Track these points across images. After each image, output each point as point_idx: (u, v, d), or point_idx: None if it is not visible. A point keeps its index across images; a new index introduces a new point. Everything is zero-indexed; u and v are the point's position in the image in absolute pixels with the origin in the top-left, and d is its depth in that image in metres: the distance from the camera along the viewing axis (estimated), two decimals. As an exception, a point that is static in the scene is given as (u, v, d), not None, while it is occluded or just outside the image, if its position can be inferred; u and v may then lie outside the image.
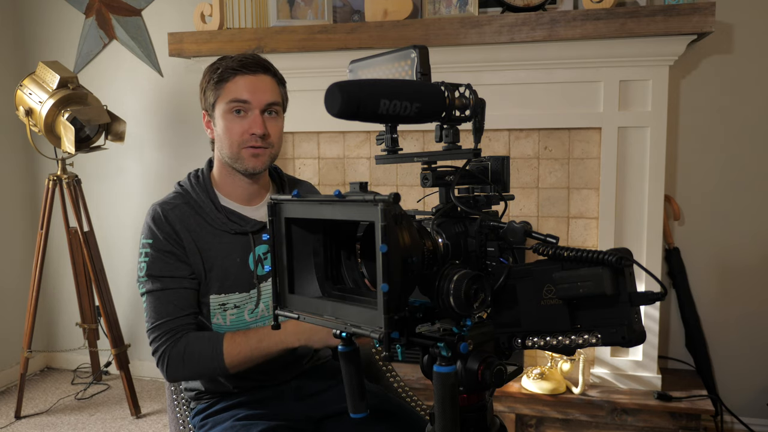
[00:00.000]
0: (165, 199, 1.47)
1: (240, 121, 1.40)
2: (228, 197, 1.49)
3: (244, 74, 1.40)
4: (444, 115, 0.78)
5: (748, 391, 2.63)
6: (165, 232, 1.40)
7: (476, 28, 2.38)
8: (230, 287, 1.43)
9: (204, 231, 1.43)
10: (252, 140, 1.40)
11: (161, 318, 1.39)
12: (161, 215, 1.42)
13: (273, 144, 1.44)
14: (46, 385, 3.31)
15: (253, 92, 1.40)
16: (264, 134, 1.40)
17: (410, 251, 0.71)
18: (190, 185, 1.48)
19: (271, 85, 1.43)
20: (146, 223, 1.43)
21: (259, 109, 1.40)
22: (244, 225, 1.44)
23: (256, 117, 1.40)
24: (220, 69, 1.41)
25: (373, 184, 2.75)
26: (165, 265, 1.40)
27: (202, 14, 2.70)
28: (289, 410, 1.45)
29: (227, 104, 1.40)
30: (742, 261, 2.59)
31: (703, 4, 2.17)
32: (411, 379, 2.50)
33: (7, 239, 3.33)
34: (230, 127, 1.41)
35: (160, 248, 1.40)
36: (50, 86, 2.76)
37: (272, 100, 1.42)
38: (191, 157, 3.12)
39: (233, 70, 1.40)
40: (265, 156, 1.43)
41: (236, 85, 1.40)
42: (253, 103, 1.40)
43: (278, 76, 1.47)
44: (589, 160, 2.50)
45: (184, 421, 1.53)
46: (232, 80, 1.40)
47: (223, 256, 1.42)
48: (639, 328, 0.73)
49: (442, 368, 0.74)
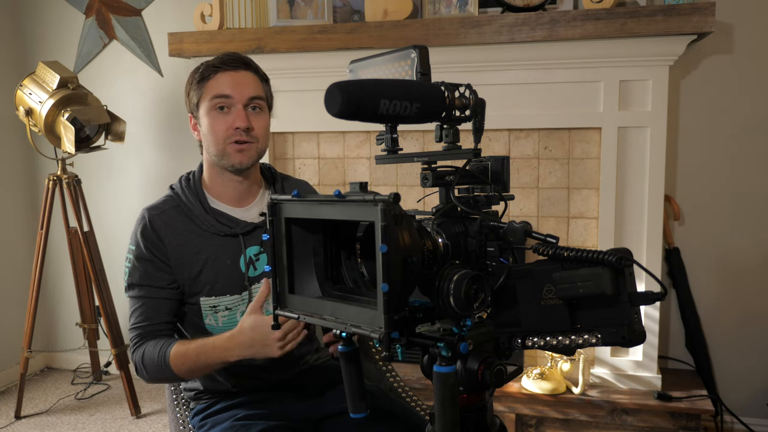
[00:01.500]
0: (155, 203, 1.48)
1: (224, 117, 1.40)
2: (218, 198, 1.49)
3: (225, 71, 1.41)
4: (444, 115, 0.78)
5: (748, 391, 2.63)
6: (148, 240, 1.42)
7: (476, 28, 2.37)
8: (220, 290, 1.43)
9: (193, 234, 1.43)
10: (236, 135, 1.40)
11: (136, 322, 1.44)
12: (147, 221, 1.43)
13: (258, 138, 1.43)
14: (46, 385, 3.31)
15: (234, 87, 1.40)
16: (248, 128, 1.40)
17: (410, 251, 0.71)
18: (180, 188, 1.48)
19: (253, 81, 1.44)
20: (134, 229, 1.46)
21: (241, 103, 1.40)
22: (233, 227, 1.44)
23: (239, 111, 1.40)
24: (201, 68, 1.43)
25: (373, 184, 2.75)
26: (144, 274, 1.42)
27: (202, 14, 2.70)
28: (288, 410, 1.45)
29: (210, 101, 1.40)
30: (743, 261, 2.59)
31: (703, 4, 2.17)
32: (411, 379, 2.50)
33: (7, 239, 3.32)
34: (214, 124, 1.41)
35: (141, 257, 1.42)
36: (50, 86, 2.76)
37: (254, 94, 1.42)
38: (191, 157, 3.12)
39: (214, 67, 1.41)
40: (251, 150, 1.42)
41: (218, 82, 1.40)
42: (236, 97, 1.40)
43: (260, 73, 1.47)
44: (589, 160, 2.50)
45: (184, 421, 1.53)
46: (214, 77, 1.41)
47: (213, 259, 1.43)
48: (639, 328, 0.73)
49: (442, 368, 0.74)
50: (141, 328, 1.43)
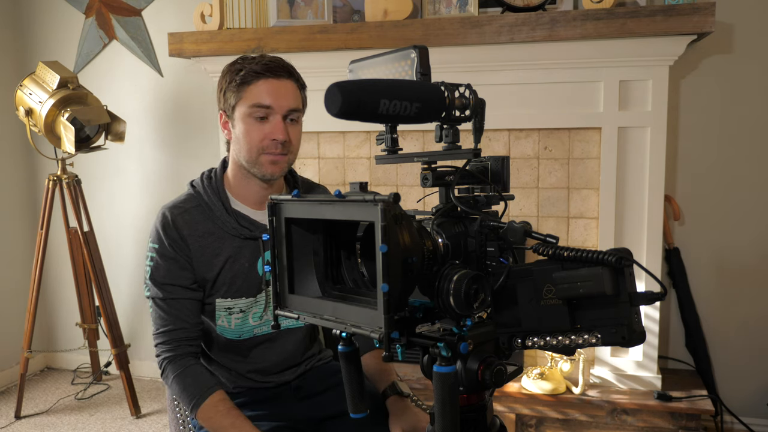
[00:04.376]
0: (176, 202, 1.44)
1: (261, 126, 1.36)
2: (239, 200, 1.46)
3: (268, 78, 1.36)
4: (444, 115, 0.78)
5: (748, 391, 2.62)
6: (171, 238, 1.39)
7: (476, 28, 2.37)
8: (237, 292, 1.42)
9: (213, 236, 1.41)
10: (272, 146, 1.36)
11: (165, 326, 1.39)
12: (170, 220, 1.40)
13: (292, 151, 1.41)
14: (46, 385, 3.31)
15: (276, 98, 1.36)
16: (285, 141, 1.37)
17: (410, 251, 0.71)
18: (202, 186, 1.45)
19: (293, 91, 1.40)
20: (154, 226, 1.42)
21: (281, 114, 1.37)
22: (253, 230, 1.42)
23: (278, 123, 1.36)
24: (243, 71, 1.36)
25: (373, 184, 2.75)
26: (168, 273, 1.39)
27: (202, 14, 2.70)
28: (289, 411, 1.45)
29: (249, 108, 1.36)
30: (742, 261, 2.59)
31: (703, 4, 2.17)
32: (411, 379, 2.50)
33: (7, 239, 3.32)
34: (250, 132, 1.36)
35: (165, 254, 1.39)
36: (50, 86, 2.76)
37: (294, 106, 1.39)
38: (191, 157, 3.12)
39: (257, 73, 1.36)
40: (283, 163, 1.40)
41: (259, 89, 1.36)
42: (276, 108, 1.36)
43: (300, 81, 1.44)
44: (589, 160, 2.50)
45: (184, 421, 1.53)
46: (255, 83, 1.36)
47: (231, 261, 1.41)
48: (639, 328, 0.73)
49: (442, 368, 0.74)
50: (168, 334, 1.39)
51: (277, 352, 1.48)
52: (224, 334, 1.44)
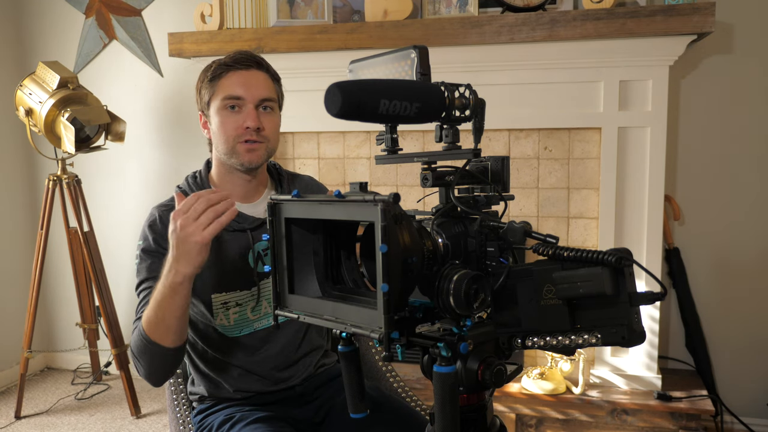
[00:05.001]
0: (163, 201, 1.48)
1: (234, 116, 1.40)
2: None
3: (237, 70, 1.40)
4: (444, 115, 0.78)
5: (748, 391, 2.62)
6: (156, 233, 1.41)
7: (476, 28, 2.37)
8: (229, 284, 1.43)
9: None
10: (246, 134, 1.39)
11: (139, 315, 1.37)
12: (156, 218, 1.43)
13: (268, 138, 1.43)
14: (46, 385, 3.31)
15: (246, 87, 1.39)
16: (258, 128, 1.40)
17: (410, 251, 0.71)
18: (188, 186, 1.48)
19: (264, 81, 1.43)
20: (143, 226, 1.45)
21: (253, 104, 1.40)
22: (242, 222, 1.44)
23: (250, 111, 1.39)
24: (213, 66, 1.42)
25: (373, 184, 2.75)
26: (150, 267, 1.40)
27: (202, 14, 2.70)
28: (291, 414, 1.45)
29: (221, 101, 1.40)
30: (742, 261, 2.59)
31: (703, 4, 2.17)
32: (411, 379, 2.50)
33: (7, 239, 3.32)
34: (225, 123, 1.40)
35: (149, 250, 1.41)
36: (50, 86, 2.76)
37: (266, 95, 1.42)
38: (191, 157, 3.12)
39: (226, 66, 1.41)
40: (260, 150, 1.42)
41: (229, 81, 1.40)
42: (247, 98, 1.39)
43: (272, 72, 1.47)
44: (589, 160, 2.50)
45: (184, 421, 1.53)
46: (226, 76, 1.40)
47: (221, 254, 1.42)
48: (639, 328, 0.73)
49: (442, 368, 0.74)
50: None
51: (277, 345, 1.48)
52: (227, 333, 1.44)
